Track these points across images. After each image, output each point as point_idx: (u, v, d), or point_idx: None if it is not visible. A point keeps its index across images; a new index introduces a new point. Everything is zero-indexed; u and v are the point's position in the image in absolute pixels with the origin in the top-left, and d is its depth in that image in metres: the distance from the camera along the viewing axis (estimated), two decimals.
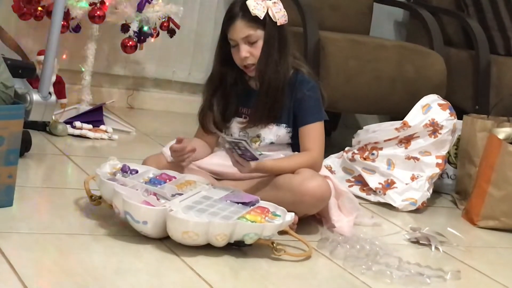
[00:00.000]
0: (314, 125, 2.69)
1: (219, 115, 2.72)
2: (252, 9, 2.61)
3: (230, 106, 2.72)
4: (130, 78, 4.21)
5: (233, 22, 2.63)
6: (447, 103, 3.23)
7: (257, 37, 2.63)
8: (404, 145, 3.21)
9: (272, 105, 2.67)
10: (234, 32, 2.63)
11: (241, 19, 2.62)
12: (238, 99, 2.73)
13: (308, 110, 2.69)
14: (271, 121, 2.70)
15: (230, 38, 2.65)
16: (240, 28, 2.62)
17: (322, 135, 2.71)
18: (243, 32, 2.62)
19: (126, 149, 3.41)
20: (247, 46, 2.63)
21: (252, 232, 2.30)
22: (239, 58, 2.65)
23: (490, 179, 3.04)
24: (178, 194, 2.43)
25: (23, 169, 2.73)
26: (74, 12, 3.44)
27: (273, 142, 2.73)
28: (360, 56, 3.65)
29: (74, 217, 2.44)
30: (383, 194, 3.17)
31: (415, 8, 4.22)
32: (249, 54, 2.63)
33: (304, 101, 2.69)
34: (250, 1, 2.61)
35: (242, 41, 2.63)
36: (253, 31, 2.62)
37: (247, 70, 2.68)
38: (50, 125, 3.39)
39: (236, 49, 2.65)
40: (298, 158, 2.68)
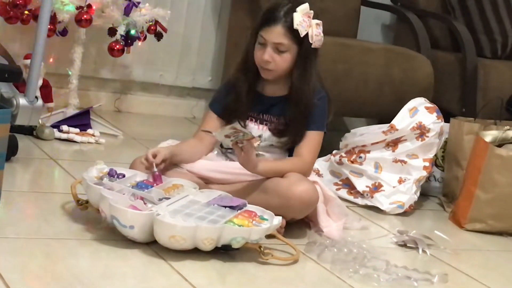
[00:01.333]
0: (313, 133, 2.71)
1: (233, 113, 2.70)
2: (297, 23, 2.60)
3: (245, 106, 2.71)
4: (117, 82, 4.20)
5: (272, 24, 2.62)
6: (434, 106, 3.24)
7: (287, 48, 2.63)
8: (392, 148, 3.21)
9: (298, 121, 2.68)
10: (269, 34, 2.62)
11: (281, 26, 2.61)
12: (248, 102, 2.72)
13: (313, 118, 2.70)
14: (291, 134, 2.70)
15: (261, 35, 2.64)
16: (277, 33, 2.61)
17: (318, 145, 2.72)
18: (278, 38, 2.62)
19: (113, 153, 3.40)
20: (273, 52, 2.63)
21: (239, 236, 2.30)
22: (260, 57, 2.65)
23: (477, 182, 3.05)
24: (165, 198, 2.43)
25: (10, 173, 2.72)
26: (61, 15, 3.43)
27: (272, 144, 2.73)
28: (347, 59, 3.66)
29: (61, 222, 2.43)
30: (371, 197, 3.17)
31: (402, 11, 4.24)
32: (271, 59, 2.63)
33: (312, 109, 2.70)
34: (298, 14, 2.61)
35: (272, 45, 2.63)
36: (286, 41, 2.62)
37: (263, 71, 2.68)
38: (37, 129, 3.38)
39: (262, 48, 2.65)
40: (290, 162, 2.68)
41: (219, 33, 4.34)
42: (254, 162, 2.56)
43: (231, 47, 4.11)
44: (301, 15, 2.61)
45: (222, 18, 4.32)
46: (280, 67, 2.65)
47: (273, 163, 2.67)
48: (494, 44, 4.22)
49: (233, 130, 2.43)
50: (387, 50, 3.88)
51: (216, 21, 4.35)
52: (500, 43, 4.23)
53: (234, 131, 2.43)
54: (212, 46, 4.35)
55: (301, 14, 2.62)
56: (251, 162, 2.55)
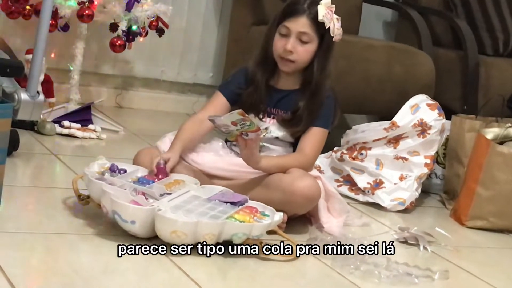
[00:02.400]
0: (318, 129, 2.71)
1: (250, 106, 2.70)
2: (322, 15, 2.63)
3: (257, 100, 2.72)
4: (119, 77, 4.21)
5: (297, 15, 2.65)
6: (435, 103, 3.23)
7: (310, 39, 2.66)
8: (393, 145, 3.21)
9: (312, 114, 2.69)
10: (295, 23, 2.65)
11: (306, 17, 2.64)
12: (265, 96, 2.73)
13: (319, 114, 2.71)
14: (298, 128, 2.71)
15: (285, 26, 2.66)
16: (302, 23, 2.64)
17: (322, 142, 2.73)
18: (303, 27, 2.64)
19: (115, 148, 3.40)
20: (297, 42, 2.65)
21: (240, 231, 2.30)
22: (282, 47, 2.66)
23: (479, 179, 3.05)
24: (166, 194, 2.43)
25: (11, 168, 2.72)
26: (63, 11, 3.43)
27: (278, 137, 2.73)
28: (349, 56, 3.66)
29: (62, 217, 2.43)
30: (372, 194, 3.17)
31: (404, 8, 4.23)
32: (294, 49, 2.65)
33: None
34: (322, 7, 2.64)
35: (295, 35, 2.65)
36: (311, 32, 2.65)
37: (283, 63, 2.69)
38: (38, 124, 3.38)
39: (284, 39, 2.66)
40: (291, 158, 2.68)
41: (221, 29, 4.34)
42: (257, 158, 2.56)
43: (232, 44, 4.11)
44: (325, 8, 2.65)
45: (223, 14, 4.32)
46: (302, 58, 2.67)
47: (275, 159, 2.67)
48: (496, 41, 4.21)
49: (241, 117, 2.41)
50: (388, 47, 3.88)
51: (217, 17, 4.35)
52: (502, 41, 4.22)
53: (242, 118, 2.42)
54: (214, 42, 4.35)
55: (325, 7, 2.65)
56: (253, 158, 2.55)
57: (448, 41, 4.28)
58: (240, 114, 2.40)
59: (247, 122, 2.43)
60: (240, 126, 2.44)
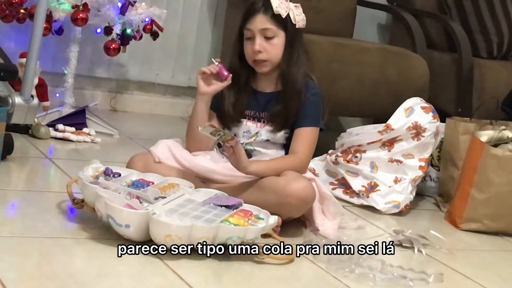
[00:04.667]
0: (308, 129, 2.71)
1: (232, 113, 2.72)
2: (276, 6, 2.65)
3: (241, 106, 2.73)
4: (113, 81, 4.20)
5: (254, 15, 2.67)
6: (430, 106, 3.24)
7: (274, 33, 2.67)
8: (387, 148, 3.21)
9: (293, 108, 2.69)
10: (253, 23, 2.67)
11: (262, 14, 2.67)
12: (246, 101, 2.73)
13: (307, 114, 2.71)
14: (283, 127, 2.70)
15: (247, 28, 2.68)
16: (260, 20, 2.66)
17: (314, 141, 2.73)
18: (262, 24, 2.66)
19: (109, 152, 3.40)
20: (262, 40, 2.66)
21: (235, 235, 2.30)
22: (251, 51, 2.67)
23: (473, 182, 3.05)
24: (161, 197, 2.43)
25: (5, 172, 2.72)
26: (57, 14, 3.43)
27: (268, 140, 2.73)
28: (343, 59, 3.66)
29: (56, 221, 2.43)
30: (367, 197, 3.17)
31: (398, 11, 4.24)
32: (263, 49, 2.66)
33: (305, 105, 2.71)
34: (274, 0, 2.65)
35: (259, 33, 2.66)
36: (272, 26, 2.66)
37: (258, 66, 2.70)
38: (33, 128, 3.37)
39: (250, 42, 2.68)
40: (284, 160, 2.68)
41: (215, 32, 4.34)
42: (245, 163, 2.56)
43: (226, 47, 4.11)
44: (277, 0, 2.66)
45: (218, 17, 4.32)
46: (273, 54, 2.68)
47: (266, 162, 2.66)
48: (490, 44, 4.22)
49: (213, 128, 2.44)
50: (383, 50, 3.88)
51: (212, 21, 4.35)
52: (496, 43, 4.23)
53: (215, 130, 2.44)
54: (208, 45, 4.35)
55: None
56: (241, 163, 2.55)
57: (442, 44, 4.28)
58: (211, 126, 2.44)
59: (221, 133, 2.45)
60: (219, 136, 2.47)
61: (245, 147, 2.68)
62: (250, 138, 2.72)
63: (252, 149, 2.73)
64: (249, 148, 2.72)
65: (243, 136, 2.73)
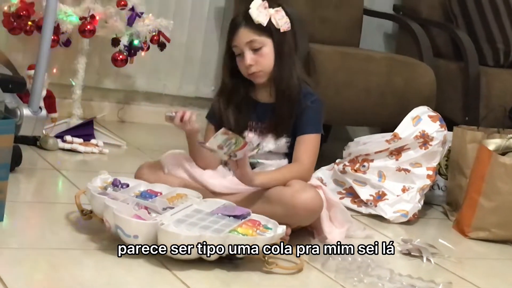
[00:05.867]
0: (310, 136, 2.71)
1: (234, 128, 2.70)
2: (255, 16, 2.63)
3: (243, 119, 2.73)
4: (121, 92, 4.21)
5: (237, 30, 2.66)
6: (437, 115, 3.24)
7: (261, 43, 2.65)
8: (395, 157, 3.21)
9: (287, 116, 2.69)
10: (238, 39, 2.65)
11: (244, 27, 2.65)
12: (247, 112, 2.73)
13: (308, 121, 2.70)
14: (282, 133, 2.71)
15: (234, 45, 2.67)
16: (243, 34, 2.65)
17: (316, 148, 2.72)
18: (247, 37, 2.64)
19: (117, 163, 3.41)
20: (252, 54, 2.65)
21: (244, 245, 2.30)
22: (244, 66, 2.67)
23: (481, 190, 3.05)
24: (169, 208, 2.43)
25: (14, 184, 2.72)
26: (64, 26, 3.45)
27: (271, 150, 2.74)
28: (349, 68, 3.66)
29: (65, 232, 2.43)
30: (374, 206, 3.17)
31: (404, 20, 4.24)
32: (254, 62, 2.65)
33: (306, 112, 2.70)
34: (253, 9, 2.64)
35: (246, 47, 2.65)
36: (257, 37, 2.65)
37: (254, 78, 2.69)
38: (41, 139, 3.38)
39: (241, 58, 2.67)
40: (288, 169, 2.68)
41: (222, 43, 4.34)
42: (250, 177, 2.56)
43: None
44: (256, 9, 2.65)
45: (224, 28, 4.32)
46: (264, 64, 2.67)
47: (270, 174, 2.66)
48: (496, 52, 4.22)
49: (226, 136, 2.42)
50: (389, 59, 3.88)
51: (218, 31, 4.36)
52: (502, 51, 4.23)
53: (227, 137, 2.43)
54: (215, 55, 4.36)
55: (256, 8, 2.65)
56: (247, 177, 2.55)
57: (448, 53, 4.28)
58: (223, 134, 2.42)
59: (233, 141, 2.44)
60: (227, 148, 2.45)
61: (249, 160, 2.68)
62: (252, 151, 2.72)
63: (256, 162, 2.73)
64: (252, 161, 2.73)
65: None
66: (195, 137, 2.67)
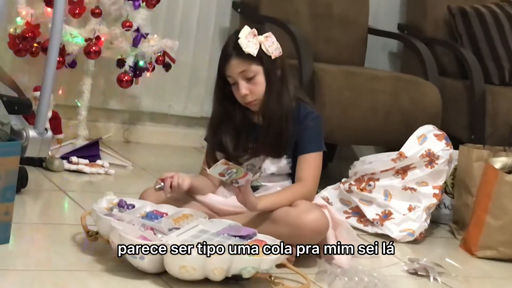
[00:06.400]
0: (312, 154, 2.70)
1: (232, 151, 2.71)
2: (245, 47, 2.62)
3: (241, 142, 2.73)
4: (126, 112, 4.22)
5: (228, 61, 2.65)
6: (443, 133, 3.24)
7: (254, 72, 2.65)
8: (401, 176, 3.21)
9: (276, 137, 2.68)
10: (230, 69, 2.65)
11: (235, 57, 2.64)
12: (246, 135, 2.73)
13: (309, 139, 2.70)
14: (278, 154, 2.70)
15: (228, 75, 2.67)
16: (235, 64, 2.64)
17: (319, 166, 2.72)
18: (239, 67, 2.64)
19: (123, 183, 3.41)
20: (245, 83, 2.65)
21: (249, 265, 2.29)
22: (239, 95, 2.66)
23: (488, 209, 3.04)
24: (175, 228, 2.43)
25: (20, 205, 2.72)
26: (70, 48, 3.46)
27: (273, 173, 2.73)
28: (355, 87, 3.67)
29: (71, 253, 2.43)
30: (381, 225, 3.16)
31: (409, 39, 4.25)
32: (248, 91, 2.65)
33: (306, 131, 2.70)
34: (242, 39, 2.63)
35: (240, 77, 2.65)
36: (248, 66, 2.64)
37: (250, 106, 2.70)
38: (47, 160, 3.39)
39: (236, 87, 2.66)
40: (291, 190, 2.67)
41: None
42: (253, 202, 2.56)
43: None
44: (245, 39, 2.63)
45: None
46: (259, 92, 2.66)
47: (273, 197, 2.65)
48: (501, 70, 4.22)
49: (226, 166, 2.43)
50: (394, 77, 3.89)
51: None
52: (507, 70, 4.23)
53: (227, 167, 2.43)
54: None
55: (244, 38, 2.63)
56: (249, 203, 2.55)
57: (454, 71, 4.28)
58: (223, 164, 2.42)
59: (233, 170, 2.44)
60: (228, 176, 2.45)
61: (252, 184, 2.67)
62: (254, 175, 2.72)
63: (259, 185, 2.73)
64: (255, 185, 2.72)
65: (247, 169, 2.71)
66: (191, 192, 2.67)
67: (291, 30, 3.75)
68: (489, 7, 4.31)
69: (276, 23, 3.80)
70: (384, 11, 4.61)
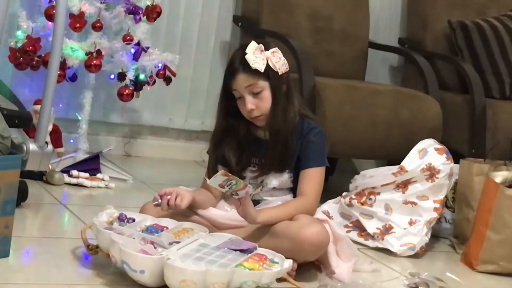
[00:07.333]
0: (314, 169, 2.70)
1: (235, 166, 2.71)
2: (252, 63, 2.62)
3: (245, 156, 2.72)
4: (127, 126, 4.22)
5: (235, 76, 2.65)
6: (443, 147, 3.23)
7: (261, 87, 2.65)
8: (402, 190, 3.20)
9: (283, 153, 2.68)
10: (237, 83, 2.65)
11: (242, 72, 2.64)
12: (249, 150, 2.73)
13: (312, 155, 2.70)
14: (283, 169, 2.70)
15: (234, 89, 2.67)
16: (242, 79, 2.64)
17: (321, 182, 2.72)
18: (246, 82, 2.64)
19: (123, 197, 3.40)
20: (252, 98, 2.65)
21: (250, 279, 2.29)
22: (245, 110, 2.66)
23: (488, 223, 3.03)
24: (175, 242, 2.42)
25: (20, 219, 2.72)
26: (71, 61, 3.46)
27: (275, 187, 2.73)
28: (355, 101, 3.67)
29: (71, 267, 2.43)
30: (381, 239, 3.16)
31: (410, 53, 4.25)
32: (255, 106, 2.65)
33: (309, 146, 2.70)
34: (249, 55, 2.63)
35: (246, 92, 2.64)
36: (255, 81, 2.64)
37: (256, 121, 2.70)
38: (47, 174, 3.38)
39: (242, 102, 2.66)
40: (292, 204, 2.67)
41: None
42: (253, 215, 2.55)
43: None
44: (252, 54, 2.63)
45: None
46: (265, 107, 2.66)
47: (274, 210, 2.65)
48: (502, 84, 4.22)
49: (226, 177, 2.42)
50: (395, 91, 3.89)
51: (224, 65, 4.33)
52: (508, 84, 4.23)
53: (227, 179, 2.43)
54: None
55: (252, 53, 2.63)
56: (249, 216, 2.55)
57: (454, 85, 4.29)
58: (223, 175, 2.42)
59: (233, 181, 2.44)
60: (228, 187, 2.45)
61: (253, 198, 2.67)
62: (256, 189, 2.71)
63: (260, 199, 2.73)
64: (257, 199, 2.72)
65: (249, 183, 2.71)
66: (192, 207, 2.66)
67: (292, 44, 3.76)
68: (489, 21, 4.31)
69: (277, 37, 3.81)
70: (384, 25, 4.62)
